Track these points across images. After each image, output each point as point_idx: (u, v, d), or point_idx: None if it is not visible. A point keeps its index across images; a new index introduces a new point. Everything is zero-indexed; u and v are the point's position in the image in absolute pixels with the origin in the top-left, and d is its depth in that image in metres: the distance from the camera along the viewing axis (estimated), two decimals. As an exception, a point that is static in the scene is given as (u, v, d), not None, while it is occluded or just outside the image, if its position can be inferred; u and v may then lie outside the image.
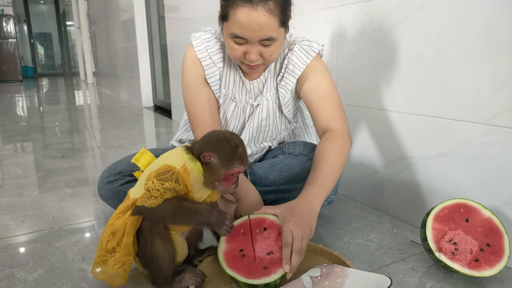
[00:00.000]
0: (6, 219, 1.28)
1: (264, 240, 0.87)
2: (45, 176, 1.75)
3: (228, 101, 1.15)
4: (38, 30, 12.47)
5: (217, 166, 0.82)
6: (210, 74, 1.11)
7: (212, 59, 1.10)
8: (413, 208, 1.21)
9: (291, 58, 1.08)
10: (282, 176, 1.10)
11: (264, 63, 1.01)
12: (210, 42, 1.10)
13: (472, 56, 0.99)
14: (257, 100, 1.14)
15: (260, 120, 1.15)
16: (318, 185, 0.91)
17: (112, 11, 5.25)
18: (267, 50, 0.96)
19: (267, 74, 1.12)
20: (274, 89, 1.13)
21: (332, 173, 0.94)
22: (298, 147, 1.14)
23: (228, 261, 0.85)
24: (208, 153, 0.81)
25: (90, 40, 8.03)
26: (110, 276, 0.83)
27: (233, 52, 0.98)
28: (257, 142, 1.20)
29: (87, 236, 1.16)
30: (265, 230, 0.88)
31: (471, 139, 1.01)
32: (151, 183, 0.79)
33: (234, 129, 1.18)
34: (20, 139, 2.58)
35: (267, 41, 0.94)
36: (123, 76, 5.19)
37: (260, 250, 0.86)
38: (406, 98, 1.18)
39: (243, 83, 1.13)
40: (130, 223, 0.81)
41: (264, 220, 0.89)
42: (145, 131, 2.87)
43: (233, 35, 0.94)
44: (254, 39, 0.93)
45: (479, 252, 0.89)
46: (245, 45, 0.96)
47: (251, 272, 0.83)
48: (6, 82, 8.38)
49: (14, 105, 4.56)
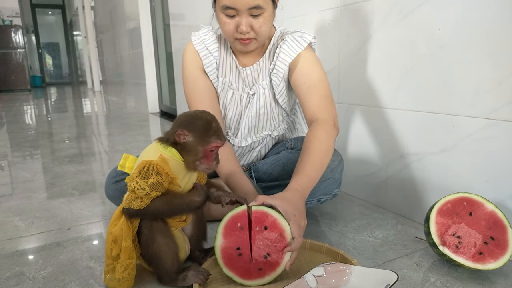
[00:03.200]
0: (16, 221, 1.30)
1: (264, 240, 0.84)
2: (53, 180, 1.78)
3: (226, 89, 1.17)
4: (46, 40, 12.65)
5: (194, 144, 0.81)
6: (207, 64, 1.15)
7: (208, 49, 1.14)
8: (417, 205, 1.21)
9: (283, 47, 1.10)
10: (286, 170, 1.12)
11: (255, 38, 1.03)
12: (206, 36, 1.16)
13: (472, 51, 0.99)
14: (253, 89, 1.16)
15: (258, 108, 1.16)
16: (306, 175, 0.93)
17: (118, 20, 5.32)
18: (257, 21, 0.99)
19: (262, 64, 1.14)
20: (268, 78, 1.15)
21: (318, 164, 0.96)
22: (301, 142, 1.16)
23: (224, 259, 0.85)
24: (182, 131, 0.80)
25: (97, 49, 8.14)
26: (118, 282, 0.83)
27: (226, 27, 1.01)
28: (256, 132, 1.21)
29: (94, 235, 1.18)
30: (266, 229, 0.84)
31: (473, 134, 1.02)
32: (135, 183, 0.78)
33: (232, 117, 1.19)
34: (29, 145, 2.61)
35: (256, 9, 0.97)
36: (129, 83, 5.24)
37: (258, 251, 0.85)
38: (407, 95, 1.19)
39: (237, 69, 1.16)
40: (126, 227, 0.81)
41: (265, 216, 0.84)
42: (151, 136, 2.90)
43: (224, 7, 0.98)
44: (243, 7, 0.96)
45: (483, 245, 0.89)
46: (236, 18, 0.99)
47: (246, 273, 0.84)
48: (15, 91, 8.50)
49: (23, 113, 4.63)
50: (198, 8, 2.67)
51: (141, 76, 4.39)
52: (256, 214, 0.85)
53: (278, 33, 1.15)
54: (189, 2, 2.85)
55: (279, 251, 0.84)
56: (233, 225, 0.86)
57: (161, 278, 0.87)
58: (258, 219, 0.85)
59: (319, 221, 1.24)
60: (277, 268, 0.84)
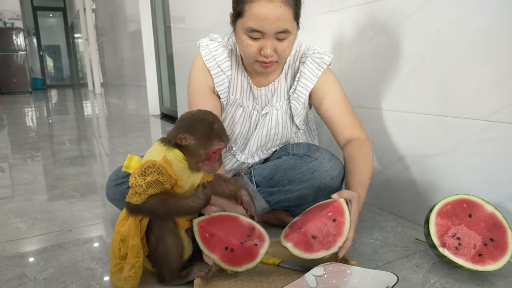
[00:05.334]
0: (17, 222, 1.31)
1: (323, 226, 0.89)
2: (54, 181, 1.78)
3: (236, 107, 1.16)
4: (47, 43, 12.67)
5: (196, 147, 0.82)
6: (219, 82, 1.12)
7: (220, 67, 1.11)
8: (417, 206, 1.22)
9: (303, 71, 1.11)
10: (287, 177, 1.11)
11: (277, 61, 1.01)
12: (217, 51, 1.12)
13: (471, 54, 1.00)
14: (266, 109, 1.15)
15: (269, 128, 1.16)
16: (362, 188, 0.99)
17: (119, 22, 5.34)
18: (281, 45, 0.97)
19: (277, 84, 1.14)
20: (285, 100, 1.15)
21: (369, 178, 1.04)
22: (302, 148, 1.15)
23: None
24: (183, 135, 0.81)
25: (97, 51, 8.16)
26: (124, 280, 0.84)
27: (248, 49, 0.98)
28: (264, 149, 1.22)
29: (95, 237, 1.18)
30: (334, 221, 0.89)
31: (473, 136, 1.02)
32: (133, 179, 0.80)
33: (240, 134, 1.18)
34: (30, 147, 2.62)
35: (283, 33, 0.95)
36: (130, 85, 5.26)
37: (312, 228, 0.90)
38: (407, 98, 1.20)
39: (250, 88, 1.14)
40: (134, 225, 0.82)
41: (341, 214, 0.89)
42: (152, 138, 2.90)
43: (249, 29, 0.95)
44: (271, 31, 0.94)
45: (483, 247, 0.90)
46: (260, 40, 0.96)
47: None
48: (16, 93, 8.52)
49: (24, 115, 4.64)
50: (199, 11, 2.68)
51: (142, 78, 4.40)
52: (338, 205, 0.90)
53: (294, 51, 1.14)
54: (190, 4, 2.86)
55: (321, 243, 0.87)
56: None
57: (163, 278, 0.88)
58: (336, 209, 0.90)
59: (319, 223, 1.24)
60: (306, 253, 0.88)
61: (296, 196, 1.11)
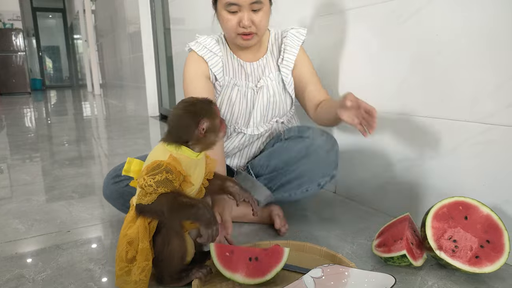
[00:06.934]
0: (16, 223, 1.31)
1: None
2: (53, 182, 1.78)
3: (231, 88, 1.23)
4: (46, 44, 12.66)
5: (212, 123, 0.85)
6: (214, 64, 1.21)
7: (212, 51, 1.21)
8: (415, 209, 1.22)
9: (286, 43, 1.25)
10: (282, 159, 1.15)
11: (256, 33, 1.13)
12: (206, 41, 1.23)
13: (470, 57, 1.01)
14: (261, 82, 1.24)
15: (268, 97, 1.24)
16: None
17: (119, 24, 5.35)
18: (257, 15, 1.10)
19: (265, 61, 1.25)
20: (276, 71, 1.25)
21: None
22: (293, 131, 1.21)
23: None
24: (203, 121, 0.83)
25: (97, 53, 8.16)
26: (135, 284, 0.83)
27: (228, 23, 1.11)
28: (266, 120, 1.26)
29: (94, 238, 1.18)
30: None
31: (471, 138, 1.03)
32: (142, 180, 0.80)
33: (239, 112, 1.24)
34: (29, 148, 2.62)
35: (256, 4, 1.08)
36: (129, 86, 5.26)
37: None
38: (406, 100, 1.20)
39: (242, 67, 1.23)
40: (142, 228, 0.82)
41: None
42: (151, 140, 2.91)
43: (227, 4, 1.08)
44: (245, 3, 1.07)
45: (479, 249, 0.90)
46: (238, 14, 1.10)
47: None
48: (15, 94, 8.51)
49: (23, 116, 4.64)
50: (198, 13, 2.69)
51: (141, 79, 4.40)
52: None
53: (273, 33, 1.28)
54: (189, 6, 2.87)
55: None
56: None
57: (162, 279, 0.88)
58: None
59: (318, 225, 1.24)
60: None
61: (295, 176, 1.14)
